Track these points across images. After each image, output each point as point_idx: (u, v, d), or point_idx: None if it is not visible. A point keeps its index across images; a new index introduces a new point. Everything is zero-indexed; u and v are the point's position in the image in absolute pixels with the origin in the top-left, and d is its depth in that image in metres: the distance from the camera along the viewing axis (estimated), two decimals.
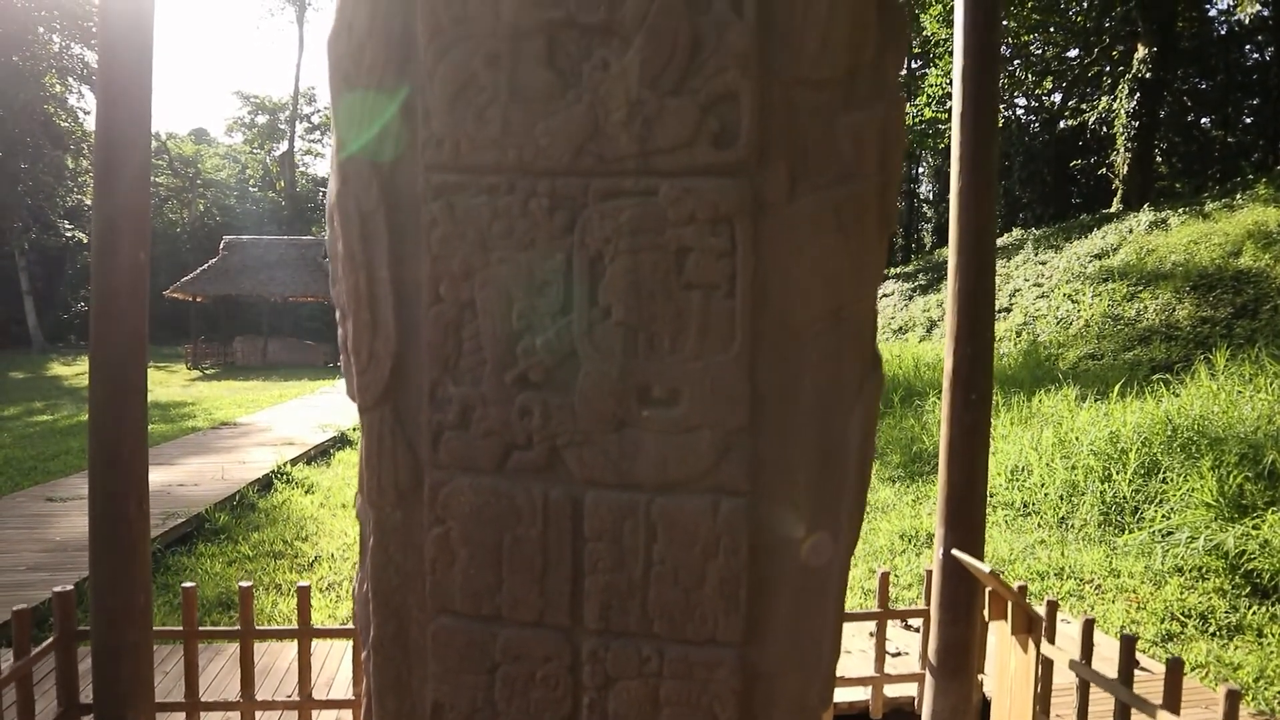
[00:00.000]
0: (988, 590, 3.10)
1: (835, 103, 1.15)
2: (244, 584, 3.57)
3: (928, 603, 3.83)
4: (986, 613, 3.10)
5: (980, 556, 3.60)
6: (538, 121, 1.19)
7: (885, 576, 3.90)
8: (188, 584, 3.60)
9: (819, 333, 1.18)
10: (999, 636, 3.08)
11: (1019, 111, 27.56)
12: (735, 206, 1.15)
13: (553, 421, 1.25)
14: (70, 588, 3.52)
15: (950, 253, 3.54)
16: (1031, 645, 2.90)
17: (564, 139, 1.18)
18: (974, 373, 3.45)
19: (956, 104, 3.47)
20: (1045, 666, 3.22)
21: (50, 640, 3.34)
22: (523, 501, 1.28)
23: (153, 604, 3.53)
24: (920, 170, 35.58)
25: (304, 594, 3.56)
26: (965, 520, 3.52)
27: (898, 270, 23.25)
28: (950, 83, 15.49)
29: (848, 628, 4.12)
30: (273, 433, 11.73)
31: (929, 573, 3.82)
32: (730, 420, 1.20)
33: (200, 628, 3.62)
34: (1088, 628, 3.20)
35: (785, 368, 1.19)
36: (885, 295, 20.35)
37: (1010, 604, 2.97)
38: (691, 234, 1.17)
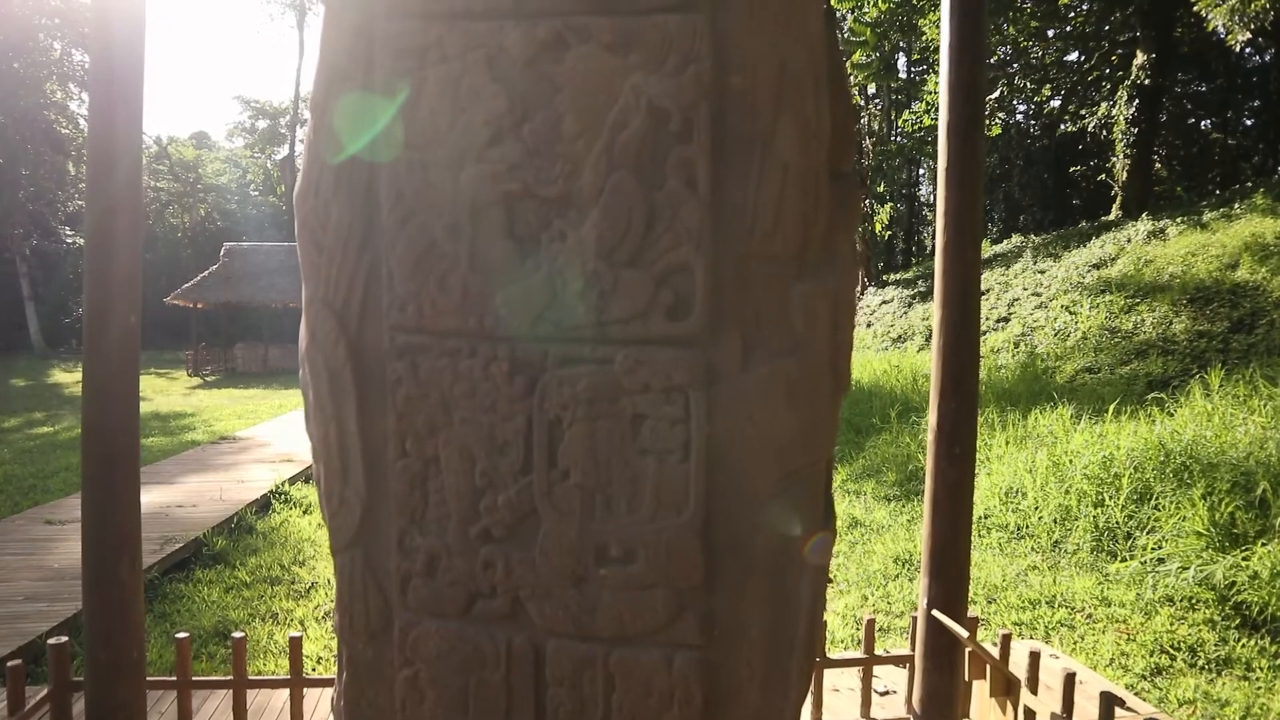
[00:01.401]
0: (967, 650, 3.13)
1: (788, 275, 1.18)
2: (237, 635, 3.61)
3: (912, 648, 3.87)
4: (966, 673, 3.14)
5: (964, 609, 3.64)
6: (497, 290, 1.23)
7: (871, 623, 3.94)
8: (181, 634, 3.64)
9: (771, 495, 1.22)
10: (979, 696, 3.12)
11: (1019, 116, 27.54)
12: (688, 377, 1.19)
13: (515, 574, 1.28)
14: (65, 639, 3.56)
15: (935, 306, 3.57)
16: (1010, 708, 2.94)
17: (523, 307, 1.22)
18: (958, 427, 3.49)
19: (942, 132, 3.44)
20: (1028, 716, 3.26)
21: (45, 693, 3.39)
22: (487, 647, 1.32)
23: (145, 654, 3.58)
24: (920, 172, 35.58)
25: (295, 645, 3.61)
26: (949, 572, 3.55)
27: (897, 276, 23.25)
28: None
29: (834, 670, 4.17)
30: (272, 448, 11.78)
31: (914, 619, 3.86)
32: (684, 579, 1.23)
33: (194, 677, 3.67)
34: (1069, 682, 3.23)
35: (738, 528, 1.23)
36: (885, 302, 20.36)
37: (989, 667, 3.00)
38: (646, 402, 1.20)
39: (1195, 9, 11.96)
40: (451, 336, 1.25)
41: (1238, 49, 12.00)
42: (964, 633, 2.98)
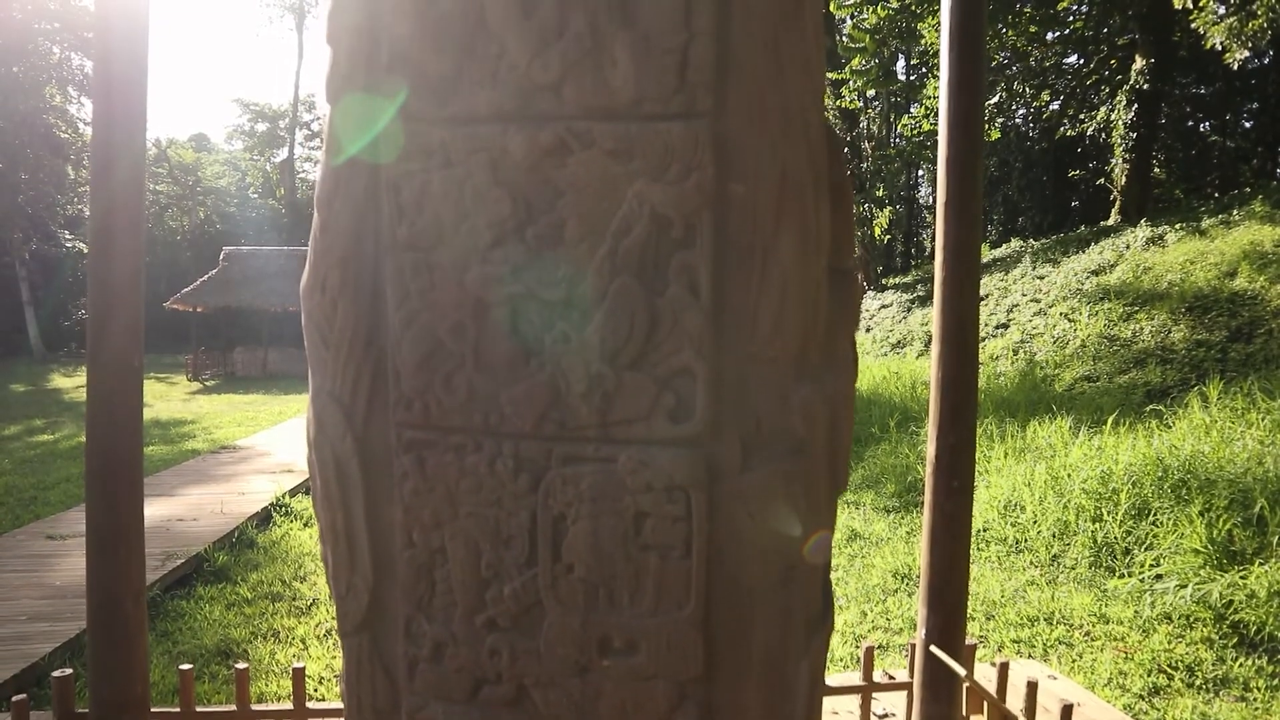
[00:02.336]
0: (965, 686, 3.16)
1: (787, 378, 1.20)
2: (240, 665, 3.64)
3: (911, 676, 3.90)
4: (965, 708, 3.16)
5: (962, 638, 3.67)
6: (502, 389, 1.25)
7: (870, 651, 3.96)
8: (185, 665, 3.67)
9: (770, 590, 1.24)
10: None
11: (1018, 119, 27.59)
12: (689, 477, 1.21)
13: (520, 663, 1.31)
14: (69, 672, 3.59)
15: (934, 340, 3.60)
16: None
17: (527, 407, 1.24)
18: (956, 460, 3.52)
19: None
20: None
21: None
22: None
23: (149, 688, 3.60)
24: (920, 174, 35.59)
25: (299, 676, 3.64)
26: (947, 604, 3.58)
27: (896, 280, 23.28)
28: None
29: (832, 696, 4.19)
30: (272, 458, 11.81)
31: (912, 646, 3.89)
32: (685, 671, 1.25)
33: (198, 708, 3.69)
34: (1066, 714, 3.26)
35: (738, 621, 1.25)
36: (884, 307, 20.39)
37: (986, 703, 3.03)
38: (648, 501, 1.22)
39: (1194, 26, 12.01)
40: (457, 433, 1.27)
41: (1235, 67, 12.02)
42: (962, 671, 3.01)
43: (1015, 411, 10.54)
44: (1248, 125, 27.69)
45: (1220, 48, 11.38)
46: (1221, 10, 11.12)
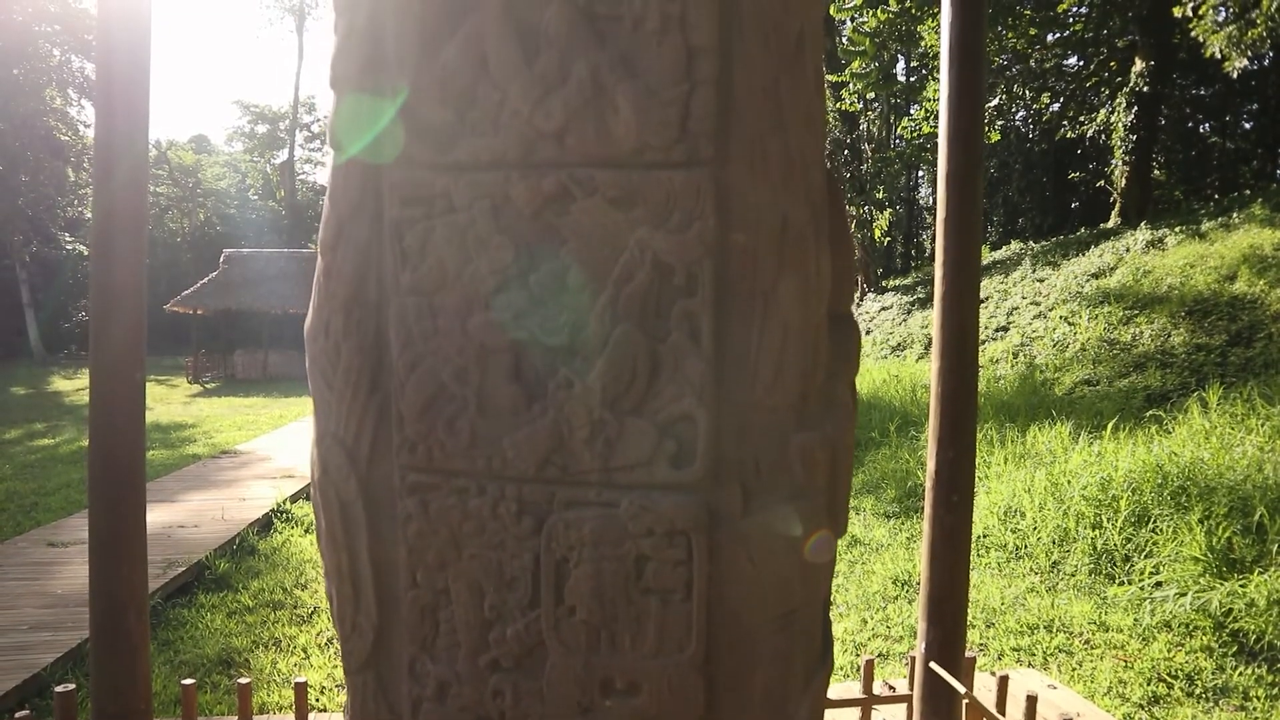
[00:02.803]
0: (964, 703, 3.17)
1: (787, 424, 1.21)
2: (242, 680, 3.65)
3: (911, 688, 3.91)
4: None
5: (961, 651, 3.68)
6: (505, 433, 1.26)
7: (870, 664, 3.97)
8: (187, 681, 3.68)
9: (771, 633, 1.25)
10: None
11: (1017, 120, 27.59)
12: (691, 522, 1.22)
13: (523, 703, 1.32)
14: (72, 687, 3.60)
15: (933, 354, 3.61)
16: None
17: (530, 451, 1.25)
18: (956, 475, 3.53)
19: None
20: None
21: None
22: None
23: (152, 703, 3.61)
24: (920, 174, 35.59)
25: (301, 691, 3.66)
26: (946, 618, 3.59)
27: (896, 282, 23.28)
28: None
29: (833, 710, 4.20)
30: (272, 462, 11.82)
31: (912, 659, 3.90)
32: (686, 713, 1.26)
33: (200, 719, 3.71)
34: None
35: (739, 663, 1.26)
36: (884, 309, 20.39)
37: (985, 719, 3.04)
38: (650, 545, 1.24)
39: (1193, 34, 12.02)
40: (460, 477, 1.28)
41: (1235, 74, 12.03)
42: (961, 688, 3.02)
43: (1015, 416, 10.55)
44: (1247, 126, 27.69)
45: (1220, 56, 11.39)
46: (1220, 18, 11.14)
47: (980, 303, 3.67)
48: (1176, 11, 11.80)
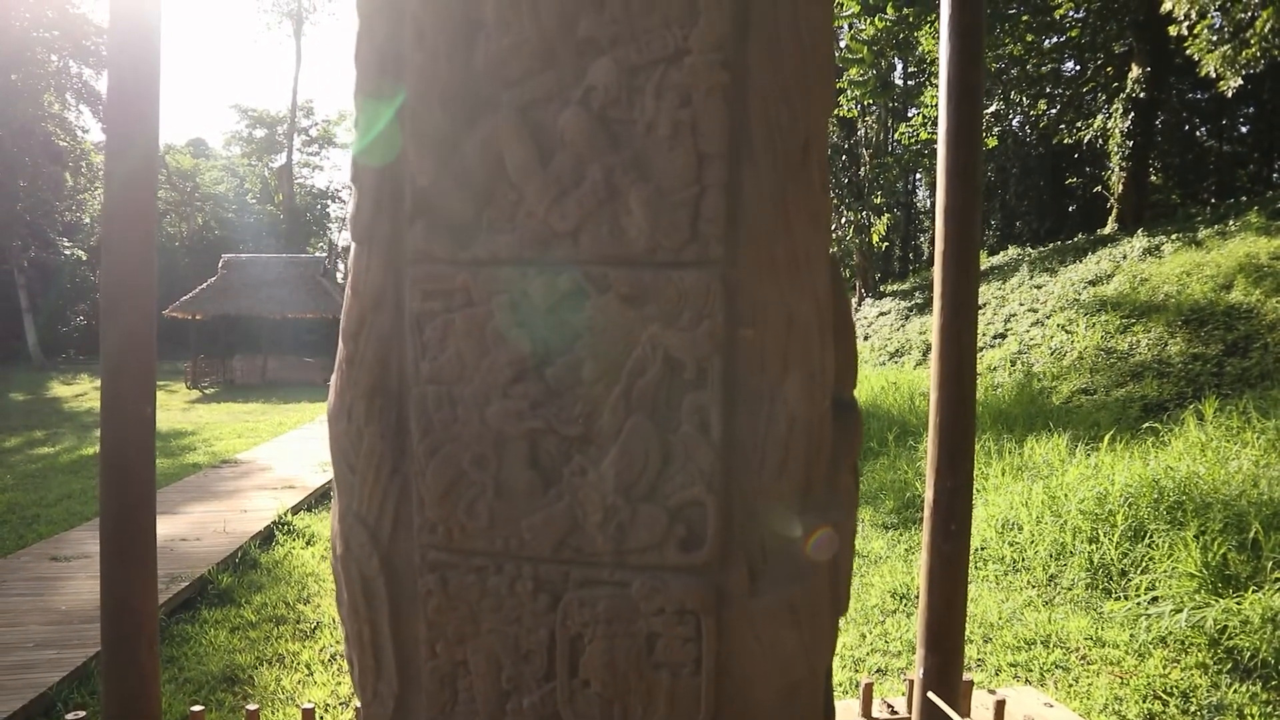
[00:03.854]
0: None
1: (792, 510, 1.27)
2: (251, 708, 3.70)
3: (909, 710, 3.98)
4: None
5: (959, 676, 3.74)
6: (522, 516, 1.31)
7: (869, 688, 4.03)
8: (196, 707, 3.73)
9: (776, 706, 1.31)
10: None
11: (1015, 124, 27.67)
12: (700, 602, 1.28)
13: None
14: (83, 714, 3.65)
15: (931, 385, 3.67)
16: None
17: (546, 533, 1.30)
18: (954, 504, 3.59)
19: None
20: None
21: None
22: None
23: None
24: (917, 178, 35.66)
25: (308, 717, 3.71)
26: (944, 645, 3.65)
27: (894, 287, 23.34)
28: None
29: None
30: (273, 473, 11.87)
31: (910, 683, 3.97)
32: None
33: None
34: None
35: None
36: (882, 314, 20.46)
37: None
38: (661, 623, 1.29)
39: (1188, 53, 12.10)
40: (479, 556, 1.34)
41: (1230, 94, 12.12)
42: (957, 718, 3.08)
43: (1013, 426, 10.61)
44: (1244, 130, 27.80)
45: (1215, 75, 11.47)
46: (1215, 38, 11.22)
47: (978, 313, 3.71)
48: (1172, 30, 11.88)
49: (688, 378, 1.25)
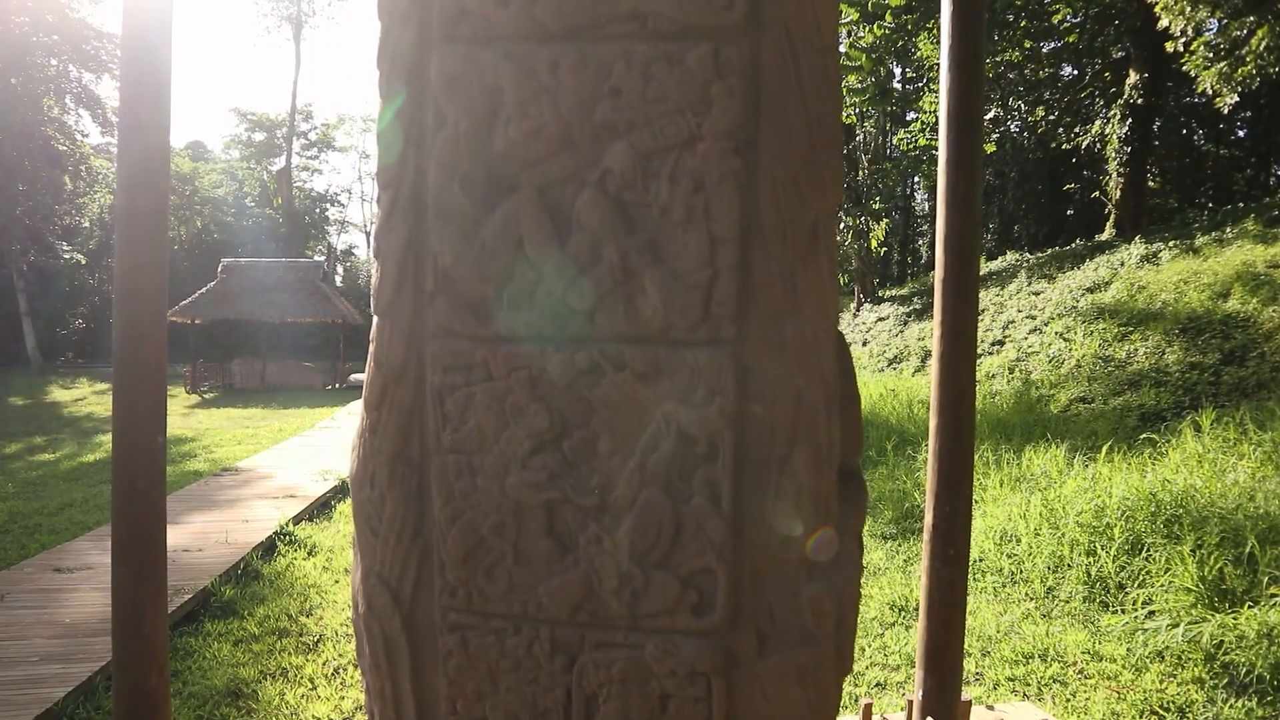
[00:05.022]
0: None
1: (799, 576, 1.32)
2: None
3: None
4: None
5: (958, 697, 3.79)
6: (540, 581, 1.36)
7: (868, 707, 4.08)
8: None
9: None
10: None
11: (1013, 128, 27.75)
12: (710, 665, 1.33)
13: None
14: None
15: (931, 411, 3.72)
16: None
17: (563, 598, 1.35)
18: (953, 529, 3.64)
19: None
20: None
21: None
22: None
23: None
24: (915, 181, 35.72)
25: None
26: (943, 667, 3.71)
27: (893, 292, 23.40)
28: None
29: None
30: (274, 481, 11.90)
31: (910, 702, 4.02)
32: None
33: None
34: None
35: None
36: (880, 319, 20.52)
37: None
38: (673, 684, 1.34)
39: (1185, 70, 12.17)
40: (498, 618, 1.39)
41: (1225, 111, 12.19)
42: None
43: (1011, 435, 10.67)
44: (1241, 135, 27.89)
45: (1211, 92, 11.54)
46: (1212, 55, 11.29)
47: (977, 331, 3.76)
48: (1169, 46, 11.95)
49: (700, 452, 1.30)
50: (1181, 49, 11.81)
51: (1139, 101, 18.30)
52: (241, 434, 17.15)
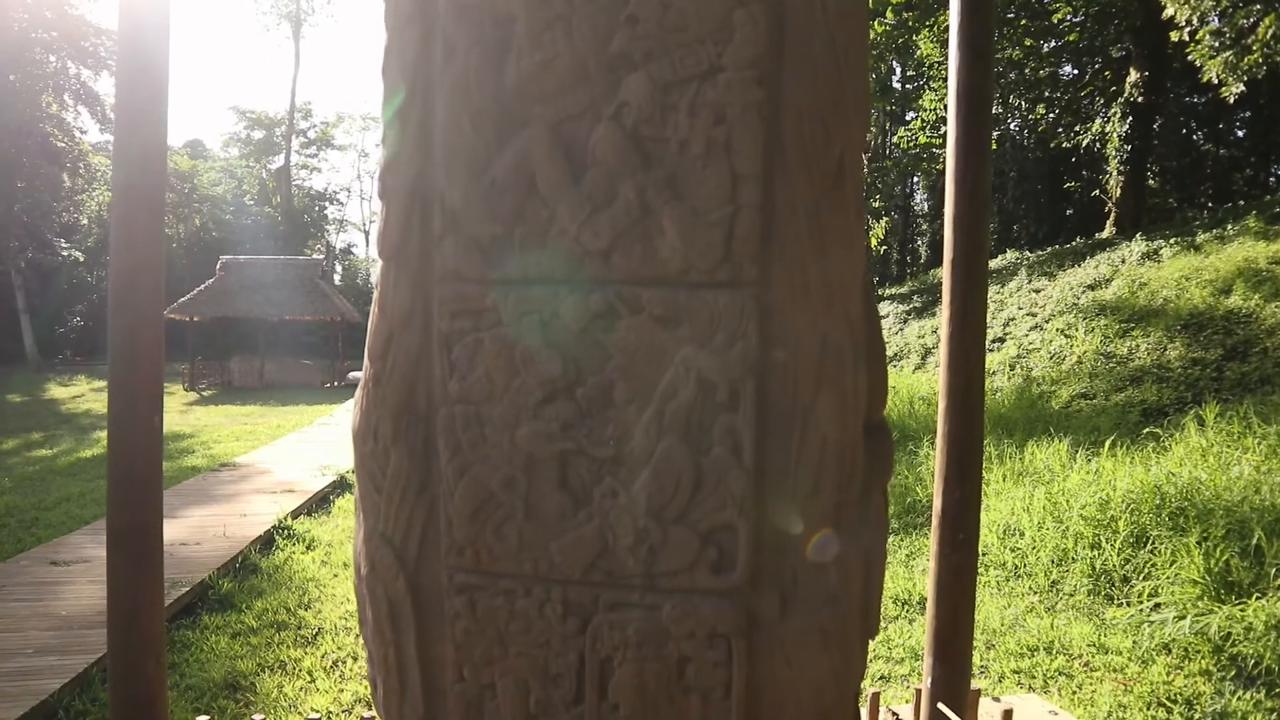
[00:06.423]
0: None
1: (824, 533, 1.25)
2: (256, 718, 3.67)
3: (916, 718, 3.97)
4: None
5: (967, 686, 3.73)
6: (552, 539, 1.30)
7: (876, 697, 4.02)
8: (201, 718, 3.71)
9: None
10: None
11: (1013, 128, 27.71)
12: (731, 626, 1.26)
13: None
14: None
15: (940, 394, 3.66)
16: None
17: (576, 556, 1.29)
18: (962, 514, 3.58)
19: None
20: None
21: None
22: None
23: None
24: (915, 181, 35.70)
25: None
26: (952, 654, 3.65)
27: (892, 291, 23.35)
28: (944, 107, 15.65)
29: None
30: (272, 476, 11.83)
31: (918, 692, 3.96)
32: None
33: None
34: None
35: None
36: (880, 318, 20.45)
37: None
38: (691, 646, 1.28)
39: (1190, 59, 12.12)
40: (507, 578, 1.33)
41: (1231, 101, 12.15)
42: None
43: (1013, 430, 10.61)
44: (1241, 135, 27.87)
45: (1216, 81, 11.50)
46: (1217, 44, 11.24)
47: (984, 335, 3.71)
48: (1174, 36, 11.90)
49: (720, 400, 1.24)
50: (1186, 38, 11.75)
51: (1139, 100, 18.26)
52: (240, 430, 17.07)
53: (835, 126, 1.20)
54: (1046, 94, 21.12)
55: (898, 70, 26.08)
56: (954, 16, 3.46)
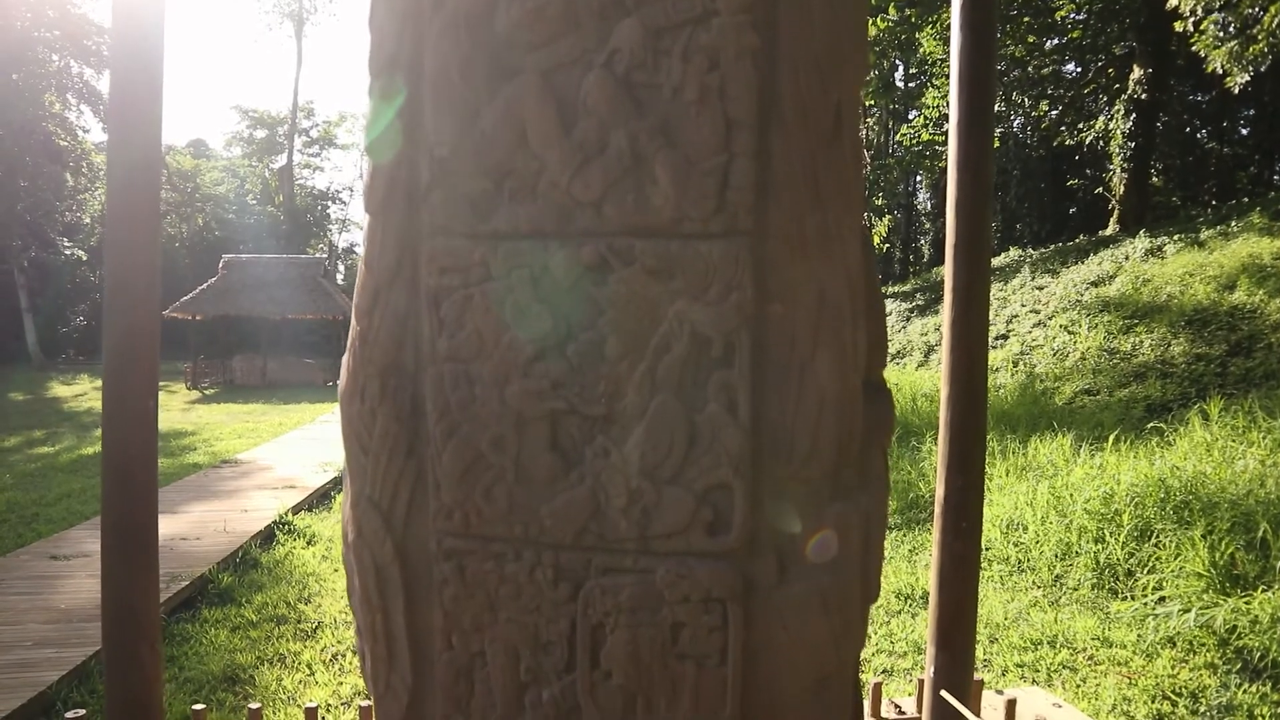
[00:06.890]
0: None
1: (822, 495, 1.22)
2: (253, 707, 3.65)
3: (919, 710, 3.93)
4: None
5: (970, 675, 3.69)
6: (542, 501, 1.26)
7: (878, 688, 3.98)
8: (198, 706, 3.68)
9: (804, 700, 1.26)
10: None
11: (1016, 125, 27.63)
12: (727, 590, 1.23)
13: None
14: (82, 712, 3.60)
15: (944, 383, 3.62)
16: None
17: (567, 518, 1.25)
18: (965, 502, 3.54)
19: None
20: None
21: None
22: None
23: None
24: (918, 179, 35.64)
25: (311, 717, 3.66)
26: (955, 643, 3.61)
27: (895, 289, 23.29)
28: (947, 104, 15.62)
29: None
30: (274, 472, 11.82)
31: (920, 682, 3.92)
32: None
33: None
34: None
35: None
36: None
37: None
38: (685, 611, 1.24)
39: (1194, 49, 12.06)
40: (497, 542, 1.29)
41: (1236, 90, 12.08)
42: (972, 717, 3.03)
43: (1016, 426, 10.57)
44: (1244, 132, 27.78)
45: (1221, 71, 11.44)
46: (1222, 34, 11.18)
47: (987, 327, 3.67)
48: (1178, 26, 11.85)
49: (715, 355, 1.20)
50: (1190, 29, 11.68)
51: (1143, 97, 18.20)
52: (241, 428, 17.06)
53: (832, 73, 1.17)
54: (1049, 91, 21.06)
55: (900, 68, 26.03)
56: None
